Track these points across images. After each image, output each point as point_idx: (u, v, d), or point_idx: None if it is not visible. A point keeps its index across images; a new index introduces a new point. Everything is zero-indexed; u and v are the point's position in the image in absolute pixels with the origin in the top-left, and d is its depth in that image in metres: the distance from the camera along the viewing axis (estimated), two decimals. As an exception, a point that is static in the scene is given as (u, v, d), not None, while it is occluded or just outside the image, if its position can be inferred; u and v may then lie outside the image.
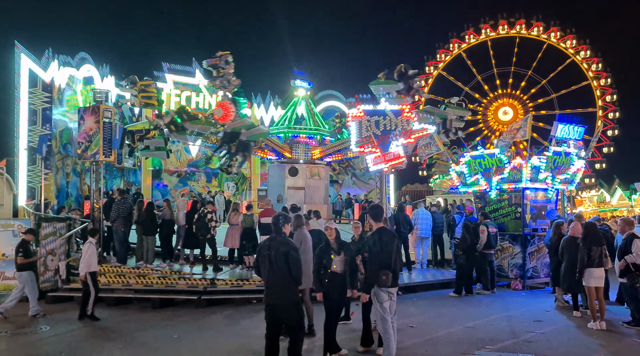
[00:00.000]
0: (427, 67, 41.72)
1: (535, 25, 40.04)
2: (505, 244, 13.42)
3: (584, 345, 7.86)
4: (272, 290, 6.15)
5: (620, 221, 9.40)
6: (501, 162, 13.50)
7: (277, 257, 6.05)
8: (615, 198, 36.19)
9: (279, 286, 6.08)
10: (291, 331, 6.24)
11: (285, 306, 6.10)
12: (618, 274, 9.05)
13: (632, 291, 8.79)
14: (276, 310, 6.11)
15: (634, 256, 8.57)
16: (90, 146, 13.05)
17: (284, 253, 6.06)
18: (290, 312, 6.11)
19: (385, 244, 6.58)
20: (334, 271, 7.15)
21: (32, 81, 17.93)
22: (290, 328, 6.22)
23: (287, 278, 6.06)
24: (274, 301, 6.13)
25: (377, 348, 7.35)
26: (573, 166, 13.74)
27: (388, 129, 12.56)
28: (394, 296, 6.72)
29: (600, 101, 38.33)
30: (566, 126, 14.27)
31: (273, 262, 6.08)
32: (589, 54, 38.64)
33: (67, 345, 8.07)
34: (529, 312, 10.13)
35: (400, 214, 14.34)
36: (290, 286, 6.11)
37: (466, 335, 8.32)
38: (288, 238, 6.49)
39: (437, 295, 12.05)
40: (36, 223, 11.95)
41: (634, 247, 8.58)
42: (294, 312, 6.15)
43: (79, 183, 20.85)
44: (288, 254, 6.07)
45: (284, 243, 6.21)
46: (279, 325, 6.22)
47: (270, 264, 6.10)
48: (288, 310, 6.10)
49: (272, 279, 6.12)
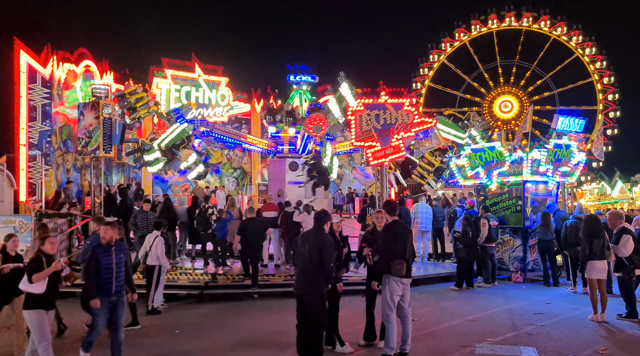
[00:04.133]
0: (431, 55, 41.55)
1: (541, 19, 39.82)
2: (506, 237, 13.43)
3: (585, 337, 7.88)
4: (300, 282, 6.42)
5: (610, 215, 9.41)
6: (501, 155, 13.49)
7: (312, 251, 6.25)
8: (616, 191, 36.18)
9: (307, 279, 6.30)
10: (312, 324, 6.31)
11: (309, 299, 6.27)
12: (613, 269, 9.10)
13: (627, 285, 8.84)
14: (302, 302, 6.34)
15: (618, 247, 8.68)
16: (90, 141, 13.04)
17: (319, 247, 6.24)
18: (314, 305, 6.25)
19: (400, 236, 6.76)
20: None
21: (32, 77, 17.88)
22: (312, 320, 6.29)
23: (317, 271, 6.24)
24: (300, 291, 6.38)
25: (379, 342, 7.37)
26: (574, 159, 13.74)
27: (388, 123, 12.55)
28: (407, 287, 6.85)
29: (602, 99, 38.20)
30: (567, 118, 14.25)
31: (306, 255, 6.30)
32: (593, 51, 38.46)
33: (68, 341, 8.09)
34: (529, 305, 10.15)
35: (402, 208, 14.35)
36: (317, 279, 6.26)
37: (467, 328, 8.34)
38: (326, 234, 6.60)
39: (438, 289, 12.07)
40: (37, 219, 11.95)
41: (622, 239, 8.67)
42: (318, 306, 6.27)
43: (79, 178, 20.84)
44: (323, 249, 6.26)
45: (321, 237, 6.40)
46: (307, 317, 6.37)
47: (303, 257, 6.34)
48: (312, 303, 6.26)
49: (302, 271, 6.38)
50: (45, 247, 6.33)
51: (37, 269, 6.06)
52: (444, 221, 15.17)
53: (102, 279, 6.30)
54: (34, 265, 6.11)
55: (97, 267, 6.29)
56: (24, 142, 17.14)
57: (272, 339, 7.82)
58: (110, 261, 6.36)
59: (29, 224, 11.74)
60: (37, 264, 6.10)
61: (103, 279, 6.30)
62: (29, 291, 6.09)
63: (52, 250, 6.40)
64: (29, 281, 6.03)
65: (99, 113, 13.02)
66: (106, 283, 6.32)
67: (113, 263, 6.38)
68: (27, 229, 11.70)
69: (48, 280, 6.15)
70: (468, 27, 41.49)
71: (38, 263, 6.11)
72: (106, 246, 6.46)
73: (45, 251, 6.32)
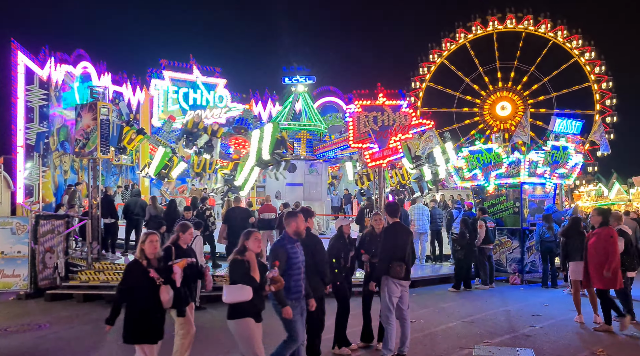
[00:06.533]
0: (431, 55, 41.59)
1: (542, 22, 39.91)
2: (504, 239, 13.46)
3: (582, 338, 7.90)
4: None
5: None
6: (499, 157, 13.53)
7: (305, 252, 6.02)
8: (613, 192, 36.24)
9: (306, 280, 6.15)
10: (311, 324, 6.27)
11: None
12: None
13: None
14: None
15: None
16: (87, 143, 13.01)
17: (311, 249, 6.07)
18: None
19: (400, 238, 6.73)
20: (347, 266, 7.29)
21: (29, 78, 17.85)
22: (311, 321, 6.23)
23: (313, 272, 6.08)
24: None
25: (377, 343, 7.37)
26: (571, 161, 13.77)
27: (386, 125, 12.56)
28: (406, 289, 6.83)
29: (599, 104, 38.29)
30: (564, 120, 14.30)
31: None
32: (593, 56, 38.56)
33: (66, 342, 8.07)
34: (527, 306, 10.17)
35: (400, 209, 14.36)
36: (314, 281, 6.10)
37: (465, 330, 8.35)
38: (315, 235, 6.51)
39: (435, 290, 12.08)
40: (35, 221, 11.93)
41: None
42: (317, 306, 6.11)
43: (76, 180, 20.78)
44: (314, 250, 6.12)
45: (311, 238, 6.22)
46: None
47: None
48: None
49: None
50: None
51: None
52: (442, 223, 15.19)
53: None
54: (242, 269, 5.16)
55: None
56: (21, 144, 17.11)
57: (270, 340, 7.80)
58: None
59: (26, 225, 11.71)
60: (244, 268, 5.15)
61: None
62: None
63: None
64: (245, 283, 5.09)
65: (97, 115, 12.99)
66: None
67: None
68: (24, 231, 11.66)
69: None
70: (468, 28, 41.59)
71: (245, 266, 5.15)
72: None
73: None
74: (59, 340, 8.20)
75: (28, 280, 11.47)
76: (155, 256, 5.39)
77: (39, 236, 11.71)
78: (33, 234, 11.64)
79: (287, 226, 5.76)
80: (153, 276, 5.23)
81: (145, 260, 5.33)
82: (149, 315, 5.26)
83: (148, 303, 5.24)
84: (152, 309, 5.27)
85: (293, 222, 5.72)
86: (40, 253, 11.57)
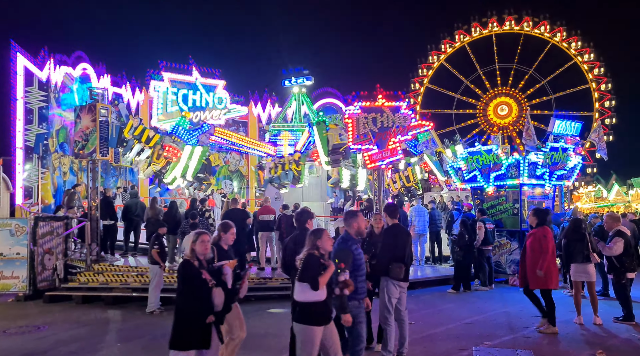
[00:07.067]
0: (430, 56, 41.64)
1: (541, 24, 39.97)
2: (503, 240, 13.45)
3: (582, 340, 7.89)
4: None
5: (607, 217, 9.46)
6: (498, 158, 13.53)
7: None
8: (612, 194, 36.28)
9: None
10: None
11: None
12: (606, 270, 9.13)
13: (620, 287, 8.87)
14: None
15: (606, 248, 8.72)
16: (87, 144, 13.01)
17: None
18: None
19: (400, 239, 6.70)
20: None
21: (28, 80, 17.85)
22: None
23: None
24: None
25: (375, 345, 7.36)
26: (570, 162, 13.78)
27: (385, 126, 12.56)
28: (404, 290, 6.82)
29: (598, 106, 38.31)
30: (563, 121, 14.32)
31: None
32: (592, 57, 38.60)
33: (65, 344, 8.06)
34: (527, 308, 10.10)
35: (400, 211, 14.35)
36: None
37: (464, 331, 8.34)
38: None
39: (435, 292, 12.07)
40: (34, 223, 11.92)
41: (612, 240, 8.71)
42: None
43: (76, 182, 20.77)
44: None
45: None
46: None
47: None
48: None
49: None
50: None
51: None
52: (442, 224, 15.19)
53: None
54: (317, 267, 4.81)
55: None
56: (20, 145, 17.11)
57: (268, 342, 7.80)
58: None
59: (25, 227, 11.69)
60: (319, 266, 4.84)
61: None
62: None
63: None
64: (314, 287, 4.77)
65: (96, 116, 12.99)
66: None
67: None
68: (23, 233, 11.65)
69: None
70: (468, 29, 41.64)
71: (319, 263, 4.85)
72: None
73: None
74: (58, 342, 8.18)
75: (27, 282, 11.46)
76: (205, 257, 5.13)
77: (37, 237, 11.70)
78: (32, 235, 11.64)
79: (349, 226, 5.59)
80: (206, 277, 4.97)
81: (196, 261, 5.05)
82: (202, 319, 4.96)
83: (202, 306, 4.96)
84: (205, 313, 4.97)
85: (354, 222, 5.57)
86: (39, 254, 11.56)
